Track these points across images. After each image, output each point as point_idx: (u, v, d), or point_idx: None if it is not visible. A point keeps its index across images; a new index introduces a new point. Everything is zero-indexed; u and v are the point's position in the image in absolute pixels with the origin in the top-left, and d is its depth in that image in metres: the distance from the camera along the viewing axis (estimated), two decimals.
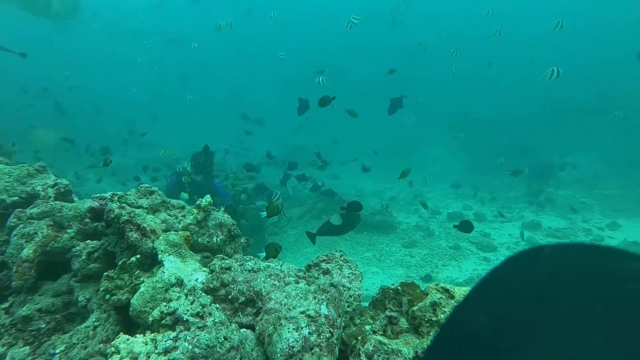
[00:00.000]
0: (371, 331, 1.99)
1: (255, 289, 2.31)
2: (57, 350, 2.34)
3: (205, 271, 2.59)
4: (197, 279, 2.46)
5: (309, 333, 1.75)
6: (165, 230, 2.95)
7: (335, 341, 1.82)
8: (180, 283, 2.39)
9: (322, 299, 1.92)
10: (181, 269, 2.54)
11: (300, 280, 2.44)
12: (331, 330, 1.81)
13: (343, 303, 2.13)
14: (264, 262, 2.62)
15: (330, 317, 1.85)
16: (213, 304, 2.08)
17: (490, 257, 9.25)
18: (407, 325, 1.95)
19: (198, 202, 3.19)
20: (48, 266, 2.94)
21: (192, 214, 3.16)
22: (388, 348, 1.64)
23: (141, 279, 2.53)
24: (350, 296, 2.39)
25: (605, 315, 0.41)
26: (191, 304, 2.01)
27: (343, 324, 2.11)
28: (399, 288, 2.18)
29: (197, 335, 1.83)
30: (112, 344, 1.74)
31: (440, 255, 9.42)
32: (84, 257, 2.79)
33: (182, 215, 3.19)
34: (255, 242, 7.90)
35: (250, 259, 2.72)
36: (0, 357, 2.42)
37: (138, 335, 1.82)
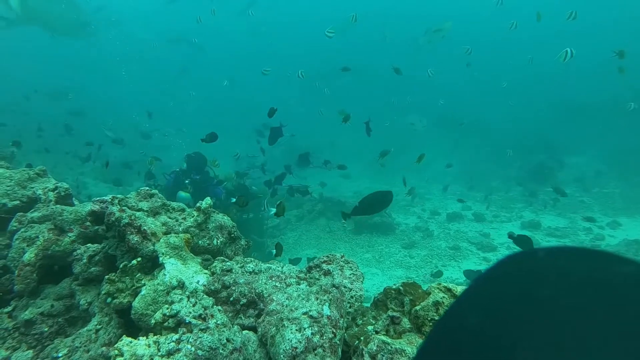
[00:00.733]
0: (374, 331, 1.99)
1: (257, 291, 2.31)
2: (60, 354, 2.34)
3: (206, 273, 2.59)
4: (199, 282, 2.46)
5: (312, 334, 1.76)
6: (165, 233, 2.95)
7: (338, 342, 1.82)
8: (181, 285, 2.39)
9: (324, 300, 1.93)
10: (182, 271, 2.54)
11: (302, 281, 2.44)
12: (334, 330, 1.81)
13: (345, 304, 2.14)
14: (264, 264, 2.62)
15: (333, 318, 1.86)
16: (215, 306, 2.09)
17: (490, 257, 9.26)
18: (410, 325, 1.96)
19: (198, 205, 3.19)
20: (49, 270, 2.94)
21: (193, 217, 3.16)
22: (392, 348, 1.64)
23: (142, 282, 2.52)
24: (351, 297, 2.39)
25: (596, 318, 0.42)
26: (193, 306, 2.01)
27: (345, 324, 2.11)
28: (401, 288, 2.18)
29: (200, 337, 1.83)
30: (115, 346, 1.75)
31: (440, 255, 9.42)
32: (85, 261, 2.79)
33: (183, 218, 3.20)
34: (254, 245, 7.93)
35: (251, 260, 2.73)
36: None
37: (141, 337, 1.83)
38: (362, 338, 1.87)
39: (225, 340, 1.88)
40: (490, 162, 18.45)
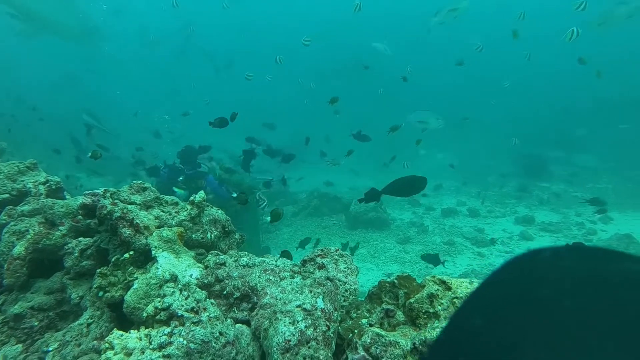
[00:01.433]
0: (368, 324, 1.98)
1: (250, 284, 2.29)
2: (50, 348, 2.31)
3: (199, 267, 2.56)
4: (192, 275, 2.44)
5: (306, 327, 1.74)
6: (158, 227, 2.92)
7: (331, 334, 1.80)
8: (174, 279, 2.36)
9: (318, 293, 1.91)
10: (175, 265, 2.51)
11: (296, 275, 2.43)
12: (327, 323, 1.80)
13: (339, 297, 2.12)
14: (258, 258, 2.60)
15: (327, 311, 1.84)
16: (208, 299, 2.07)
17: (484, 252, 9.30)
18: (404, 318, 1.95)
19: (192, 198, 3.16)
20: (40, 264, 2.90)
21: (186, 210, 3.13)
22: (385, 340, 1.63)
23: (135, 276, 2.50)
24: (346, 290, 2.38)
25: (603, 319, 0.41)
26: (186, 299, 1.99)
27: (339, 317, 2.10)
28: (396, 281, 2.17)
29: (192, 330, 1.81)
30: (106, 339, 1.72)
31: (434, 250, 9.44)
32: (76, 255, 2.76)
33: (176, 212, 3.16)
34: (249, 240, 7.89)
35: (245, 254, 2.71)
36: None
37: (132, 331, 1.80)
38: (356, 331, 1.85)
39: (218, 334, 1.86)
40: (486, 158, 18.52)
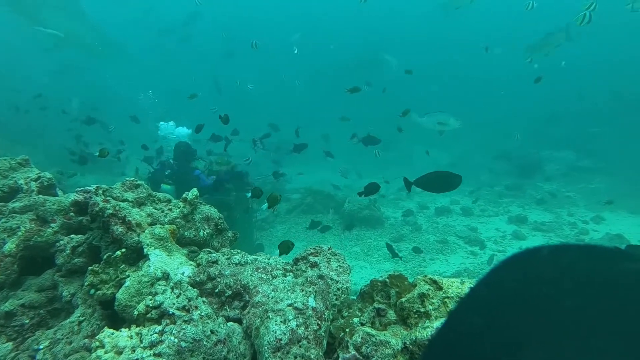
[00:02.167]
0: (359, 323, 1.99)
1: (242, 282, 2.29)
2: (41, 346, 2.30)
3: (191, 265, 2.56)
4: (184, 273, 2.44)
5: (297, 325, 1.75)
6: (151, 224, 2.91)
7: (323, 333, 1.81)
8: (166, 277, 2.36)
9: (310, 292, 1.92)
10: (167, 262, 2.51)
11: (288, 273, 2.43)
12: (319, 322, 1.80)
13: (331, 295, 2.13)
14: (251, 256, 2.60)
15: (318, 310, 1.85)
16: (199, 298, 2.06)
17: (477, 251, 9.35)
18: (395, 317, 1.96)
19: (184, 196, 3.15)
20: (31, 261, 2.89)
21: (179, 208, 3.13)
22: (376, 339, 1.64)
23: (127, 273, 2.49)
24: (338, 289, 2.39)
25: (603, 319, 0.41)
26: (177, 297, 1.99)
27: (331, 316, 2.11)
28: (387, 280, 2.18)
29: (184, 328, 1.81)
30: (97, 338, 1.72)
31: (428, 249, 9.49)
32: (68, 252, 2.74)
33: (169, 209, 3.16)
34: (242, 237, 7.87)
35: (238, 252, 2.71)
36: None
37: (123, 329, 1.80)
38: (348, 330, 1.86)
39: (209, 332, 1.87)
40: (480, 156, 18.59)
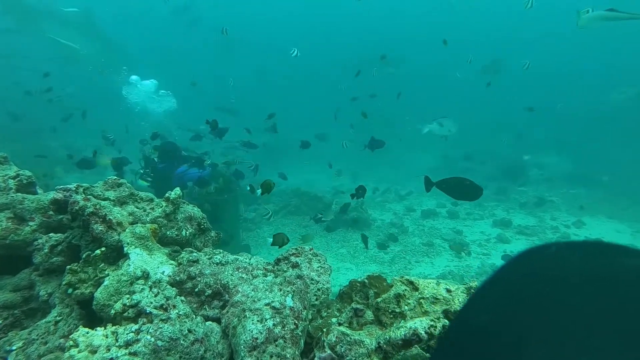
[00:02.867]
0: (337, 323, 2.01)
1: (222, 282, 2.29)
2: (14, 347, 2.26)
3: (172, 264, 2.55)
4: (164, 272, 2.42)
5: (274, 325, 1.75)
6: (132, 223, 2.89)
7: (300, 333, 1.82)
8: (146, 276, 2.34)
9: (288, 291, 1.92)
10: (147, 262, 2.49)
11: (269, 273, 2.43)
12: (296, 322, 1.81)
13: (310, 295, 2.14)
14: (232, 255, 2.60)
15: (296, 309, 1.86)
16: (178, 297, 2.06)
17: (462, 254, 9.45)
18: (373, 317, 1.98)
19: (167, 195, 3.14)
20: (7, 260, 2.84)
21: (161, 207, 3.11)
22: (350, 339, 1.65)
23: (106, 272, 2.47)
24: (318, 289, 2.39)
25: (611, 317, 0.42)
26: (155, 296, 1.98)
27: (310, 316, 2.12)
28: (366, 281, 2.20)
29: (160, 327, 1.80)
30: (71, 337, 1.70)
31: (413, 251, 9.56)
32: (46, 251, 2.71)
33: (151, 208, 3.13)
34: (229, 238, 7.84)
35: (220, 252, 2.70)
36: None
37: (98, 328, 1.78)
38: (325, 330, 1.87)
39: (186, 331, 1.86)
40: (465, 160, 18.77)
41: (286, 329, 1.76)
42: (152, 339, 1.75)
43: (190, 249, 2.94)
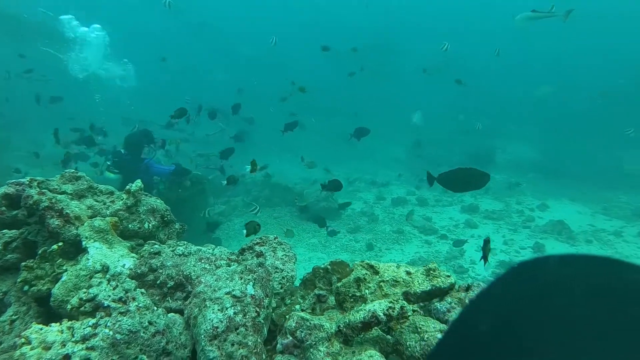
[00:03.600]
0: (300, 310, 2.02)
1: (185, 273, 2.26)
2: None
3: (133, 257, 2.50)
4: (124, 265, 2.38)
5: (234, 313, 1.75)
6: (91, 217, 2.81)
7: (262, 321, 1.83)
8: (105, 270, 2.29)
9: (249, 279, 1.92)
10: (107, 255, 2.44)
11: (233, 263, 2.42)
12: (257, 310, 1.81)
13: (274, 283, 2.15)
14: (195, 247, 2.57)
15: (257, 297, 1.86)
16: (138, 289, 2.02)
17: (431, 240, 9.65)
18: (335, 302, 2.00)
19: (128, 187, 3.06)
20: None
21: (122, 200, 3.03)
22: (310, 324, 1.67)
23: (64, 268, 2.39)
24: (283, 277, 2.40)
25: (613, 331, 0.42)
26: (113, 289, 1.94)
27: (274, 304, 2.13)
28: (329, 267, 2.22)
29: (119, 320, 1.77)
30: (22, 334, 1.65)
31: (384, 239, 9.70)
32: (0, 248, 2.60)
33: (111, 201, 3.05)
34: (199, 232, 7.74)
35: (183, 244, 2.66)
36: None
37: (53, 324, 1.73)
38: (288, 317, 1.89)
39: (147, 323, 1.83)
40: (436, 148, 19.08)
41: (247, 317, 1.76)
42: (111, 333, 1.72)
43: (152, 241, 2.88)
